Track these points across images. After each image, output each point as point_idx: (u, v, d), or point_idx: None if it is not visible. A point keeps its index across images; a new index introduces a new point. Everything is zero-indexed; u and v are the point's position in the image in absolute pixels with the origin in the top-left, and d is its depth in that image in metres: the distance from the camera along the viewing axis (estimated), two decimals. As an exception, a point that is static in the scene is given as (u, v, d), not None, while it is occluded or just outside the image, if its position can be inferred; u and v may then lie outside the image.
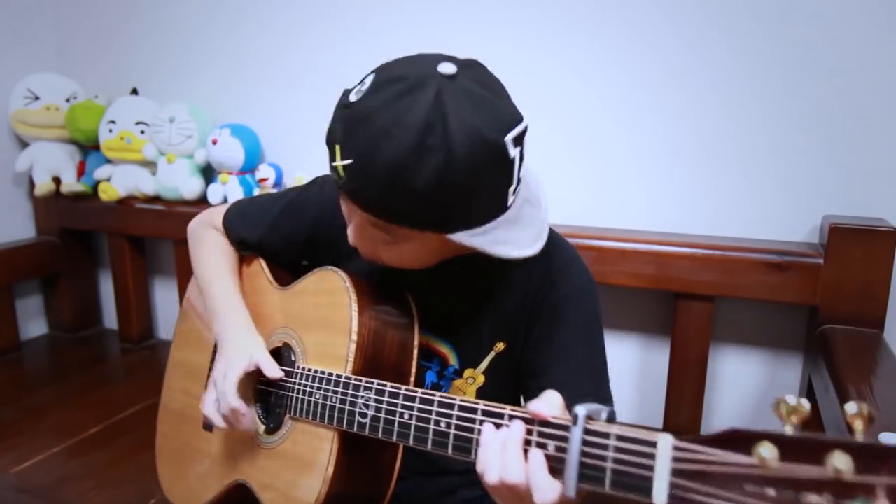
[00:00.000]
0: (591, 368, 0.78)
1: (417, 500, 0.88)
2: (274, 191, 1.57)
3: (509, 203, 0.69)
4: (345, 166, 0.64)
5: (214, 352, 0.95)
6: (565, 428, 0.55)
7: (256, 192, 1.60)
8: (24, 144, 1.81)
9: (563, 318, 0.77)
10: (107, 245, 1.87)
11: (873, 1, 1.13)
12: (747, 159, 1.25)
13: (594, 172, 1.37)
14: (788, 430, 0.42)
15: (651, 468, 0.48)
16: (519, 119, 0.68)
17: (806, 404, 0.43)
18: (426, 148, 0.60)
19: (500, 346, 0.82)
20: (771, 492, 0.42)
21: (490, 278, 0.81)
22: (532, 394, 0.75)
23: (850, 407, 0.41)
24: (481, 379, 0.83)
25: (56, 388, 1.56)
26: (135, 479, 1.18)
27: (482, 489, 0.87)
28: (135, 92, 1.77)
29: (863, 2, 1.13)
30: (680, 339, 1.27)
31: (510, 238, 0.70)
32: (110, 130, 1.69)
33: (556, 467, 0.55)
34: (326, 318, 0.81)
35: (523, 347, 0.80)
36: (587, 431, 0.53)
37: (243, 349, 0.83)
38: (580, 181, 1.38)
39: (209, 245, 0.97)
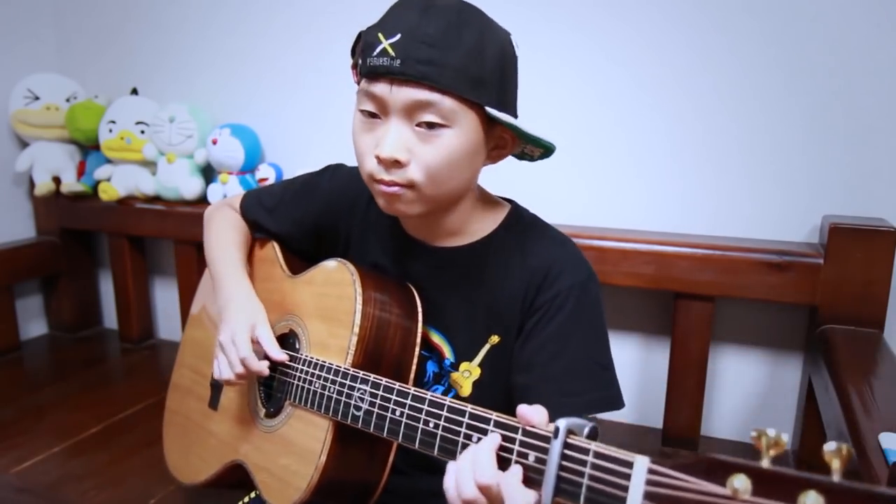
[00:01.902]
0: (587, 366, 0.77)
1: (412, 496, 0.88)
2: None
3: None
4: (392, 44, 0.68)
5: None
6: (546, 440, 0.55)
7: (256, 192, 1.60)
8: (24, 144, 1.81)
9: (557, 314, 0.77)
10: (107, 245, 1.87)
11: (873, 1, 1.13)
12: (748, 159, 1.25)
13: (595, 172, 1.37)
14: (765, 464, 0.42)
15: (625, 489, 0.48)
16: None
17: (785, 437, 0.42)
18: (467, 16, 0.70)
19: (495, 339, 0.82)
20: None
21: (486, 270, 0.81)
22: (522, 389, 0.76)
23: (829, 445, 0.40)
24: (477, 372, 0.83)
25: (56, 388, 1.56)
26: (135, 478, 1.18)
27: None
28: (135, 92, 1.77)
29: (863, 2, 1.14)
30: (680, 339, 1.27)
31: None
32: (110, 130, 1.69)
33: (533, 478, 0.55)
34: (331, 308, 0.82)
35: (516, 340, 0.80)
36: (567, 445, 0.53)
37: (245, 313, 0.86)
38: (581, 181, 1.38)
39: (222, 221, 1.00)
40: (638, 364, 1.41)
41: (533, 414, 0.58)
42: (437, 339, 0.85)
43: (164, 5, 1.74)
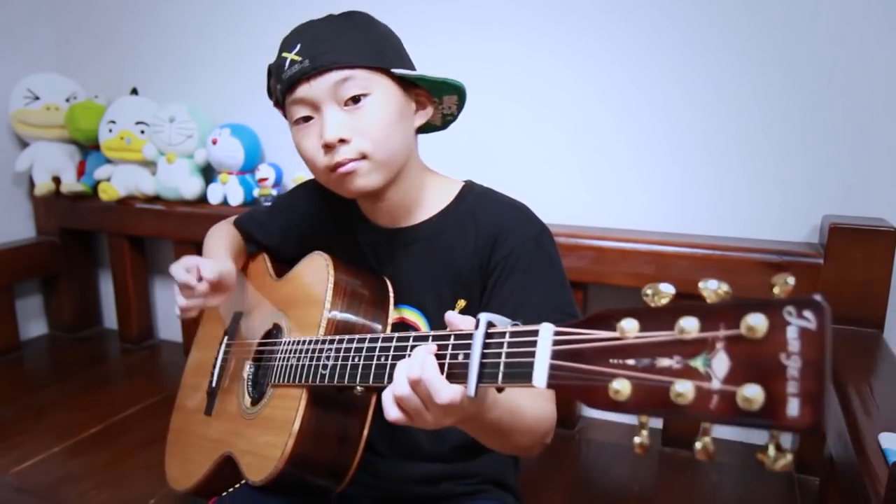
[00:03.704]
0: (550, 314, 0.78)
1: (398, 481, 0.90)
2: (274, 191, 1.60)
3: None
4: (296, 53, 0.78)
5: (225, 334, 1.03)
6: (470, 336, 0.58)
7: (256, 192, 1.60)
8: (24, 144, 1.81)
9: (514, 268, 0.81)
10: (107, 245, 1.87)
11: (873, 1, 1.13)
12: (747, 159, 1.25)
13: (595, 172, 1.37)
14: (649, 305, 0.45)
15: (532, 354, 0.52)
16: None
17: (668, 289, 0.45)
18: (348, 15, 0.83)
19: (462, 303, 0.86)
20: (630, 361, 0.45)
21: (445, 240, 0.86)
22: None
23: (710, 283, 0.44)
24: None
25: (56, 388, 1.56)
26: (135, 478, 1.18)
27: (467, 486, 0.89)
28: (135, 92, 1.77)
29: (863, 2, 1.13)
30: (680, 339, 1.26)
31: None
32: (110, 130, 1.69)
33: (462, 373, 0.58)
34: (308, 294, 0.88)
35: (480, 301, 0.84)
36: (488, 336, 0.57)
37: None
38: (581, 181, 1.38)
39: (218, 232, 1.08)
40: (638, 364, 1.40)
41: (462, 321, 0.62)
42: (411, 315, 0.89)
43: (163, 5, 1.74)
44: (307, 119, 0.80)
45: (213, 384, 1.00)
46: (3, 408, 1.44)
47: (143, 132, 1.69)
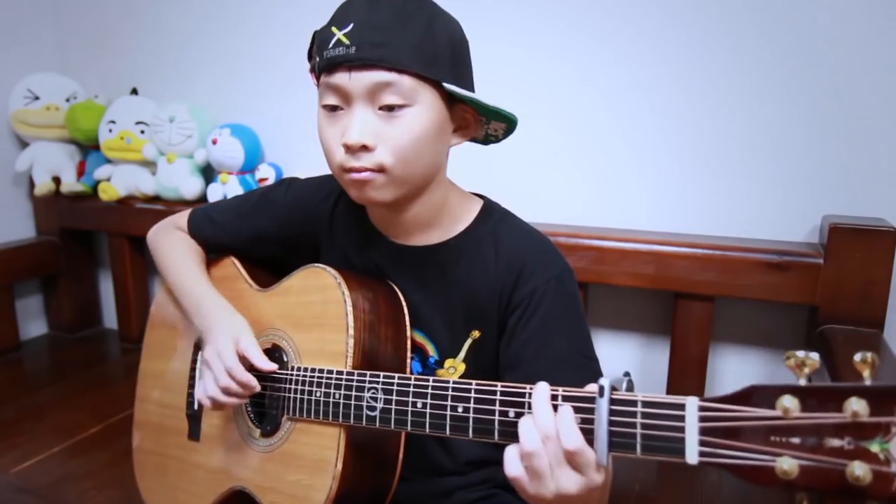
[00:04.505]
0: (572, 358, 0.77)
1: (415, 499, 0.88)
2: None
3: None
4: (346, 33, 0.69)
5: (196, 350, 0.94)
6: (588, 400, 0.56)
7: (256, 192, 1.60)
8: (24, 144, 1.81)
9: (537, 309, 0.77)
10: (107, 245, 1.87)
11: (873, 1, 1.13)
12: (747, 159, 1.25)
13: (594, 172, 1.37)
14: (802, 382, 0.45)
15: (682, 430, 0.50)
16: None
17: (815, 356, 0.45)
18: (414, 2, 0.72)
19: (476, 333, 0.82)
20: (795, 440, 0.45)
21: (462, 267, 0.82)
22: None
23: (858, 356, 0.44)
24: (462, 367, 0.84)
25: (56, 388, 1.55)
26: (135, 478, 1.18)
27: (479, 492, 0.88)
28: (135, 92, 1.77)
29: (863, 2, 1.13)
30: (680, 339, 1.27)
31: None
32: (110, 130, 1.69)
33: (586, 438, 0.55)
34: (318, 315, 0.81)
35: (500, 338, 0.81)
36: (613, 401, 0.54)
37: (229, 328, 0.83)
38: (580, 181, 1.38)
39: (174, 246, 0.98)
40: (638, 364, 1.40)
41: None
42: (419, 338, 0.85)
43: (163, 5, 1.74)
44: (335, 108, 0.73)
45: (196, 406, 0.93)
46: (3, 408, 1.44)
47: (143, 132, 1.69)
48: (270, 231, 0.94)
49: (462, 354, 0.83)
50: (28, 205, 1.89)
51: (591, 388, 0.56)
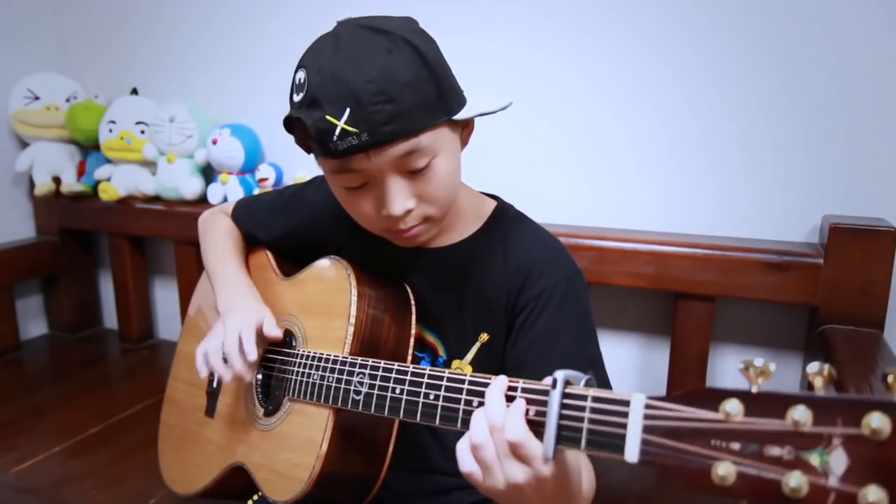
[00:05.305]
0: (577, 360, 0.76)
1: (410, 494, 0.89)
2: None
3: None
4: (348, 121, 0.65)
5: None
6: (544, 393, 0.56)
7: (256, 192, 1.60)
8: (24, 144, 1.81)
9: (543, 311, 0.78)
10: (107, 245, 1.87)
11: (873, 1, 1.13)
12: (748, 159, 1.25)
13: (595, 172, 1.37)
14: (754, 389, 0.45)
15: (624, 426, 0.50)
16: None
17: (772, 366, 0.45)
18: (389, 49, 0.66)
19: (485, 336, 0.83)
20: (735, 445, 0.43)
21: (474, 269, 0.82)
22: None
23: (812, 366, 0.43)
24: (469, 370, 0.84)
25: (56, 388, 1.56)
26: (135, 478, 1.18)
27: (478, 495, 0.88)
28: (135, 92, 1.77)
29: (863, 2, 1.13)
30: (680, 339, 1.27)
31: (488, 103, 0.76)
32: (110, 130, 1.69)
33: (536, 430, 0.55)
34: (327, 304, 0.84)
35: (507, 339, 0.81)
36: (565, 395, 0.54)
37: (251, 311, 0.86)
38: (581, 181, 1.38)
39: (218, 230, 1.02)
40: (638, 364, 1.41)
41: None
42: (431, 338, 0.86)
43: (163, 5, 1.74)
44: (360, 186, 0.72)
45: (215, 384, 0.98)
46: (3, 408, 1.44)
47: (143, 132, 1.69)
48: (298, 227, 0.96)
49: (469, 356, 0.84)
50: (28, 205, 1.89)
51: (548, 381, 0.56)
